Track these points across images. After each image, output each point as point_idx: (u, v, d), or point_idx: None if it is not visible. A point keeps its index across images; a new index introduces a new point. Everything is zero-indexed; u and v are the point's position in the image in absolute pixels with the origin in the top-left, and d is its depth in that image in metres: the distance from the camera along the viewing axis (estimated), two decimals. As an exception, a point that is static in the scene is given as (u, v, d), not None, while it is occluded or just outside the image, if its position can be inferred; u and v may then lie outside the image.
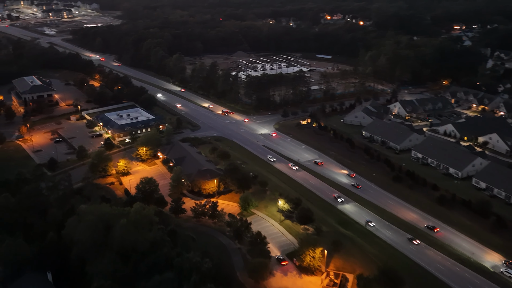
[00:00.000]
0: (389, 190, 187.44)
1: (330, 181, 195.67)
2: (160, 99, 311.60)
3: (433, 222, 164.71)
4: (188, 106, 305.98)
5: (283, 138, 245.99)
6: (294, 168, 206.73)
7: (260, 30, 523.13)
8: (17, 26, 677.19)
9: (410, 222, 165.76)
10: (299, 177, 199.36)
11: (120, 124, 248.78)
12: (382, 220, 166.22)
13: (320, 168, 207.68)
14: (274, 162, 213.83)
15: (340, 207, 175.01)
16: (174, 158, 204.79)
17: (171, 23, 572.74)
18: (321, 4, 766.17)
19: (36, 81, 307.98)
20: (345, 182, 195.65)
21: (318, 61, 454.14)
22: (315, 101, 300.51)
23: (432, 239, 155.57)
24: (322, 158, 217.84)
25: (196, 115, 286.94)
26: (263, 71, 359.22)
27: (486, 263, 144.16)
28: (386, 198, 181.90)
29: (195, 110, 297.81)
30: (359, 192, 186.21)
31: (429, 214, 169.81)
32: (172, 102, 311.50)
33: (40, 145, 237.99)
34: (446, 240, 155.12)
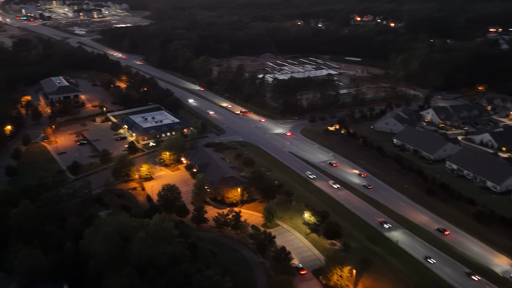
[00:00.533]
0: (421, 204, 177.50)
1: (360, 192, 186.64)
2: (191, 104, 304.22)
3: (470, 240, 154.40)
4: (215, 110, 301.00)
5: (309, 144, 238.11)
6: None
7: (288, 31, 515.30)
8: (49, 25, 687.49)
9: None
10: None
11: (145, 127, 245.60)
12: (414, 236, 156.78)
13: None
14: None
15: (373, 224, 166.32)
16: (198, 164, 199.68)
17: (198, 24, 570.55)
18: (351, 5, 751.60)
19: (63, 82, 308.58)
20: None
21: (347, 63, 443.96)
22: (343, 106, 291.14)
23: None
24: (352, 167, 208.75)
25: (222, 118, 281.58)
26: (290, 74, 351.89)
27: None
28: (418, 212, 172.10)
29: (220, 113, 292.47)
30: (390, 205, 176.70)
31: (466, 232, 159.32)
32: (203, 107, 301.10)
33: (65, 147, 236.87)
34: (482, 259, 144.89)
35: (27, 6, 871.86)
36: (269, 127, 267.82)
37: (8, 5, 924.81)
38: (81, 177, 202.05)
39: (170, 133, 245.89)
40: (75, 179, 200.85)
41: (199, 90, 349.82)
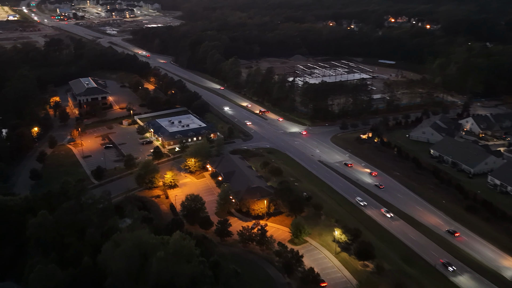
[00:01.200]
0: (460, 222, 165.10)
1: (397, 210, 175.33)
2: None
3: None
4: (240, 112, 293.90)
5: (340, 153, 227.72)
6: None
7: (319, 33, 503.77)
8: (82, 25, 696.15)
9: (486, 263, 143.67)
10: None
11: (171, 131, 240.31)
12: (453, 259, 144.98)
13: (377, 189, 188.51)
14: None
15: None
16: (223, 172, 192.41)
17: (229, 25, 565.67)
18: (385, 6, 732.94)
19: (91, 83, 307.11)
20: (408, 208, 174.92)
21: (381, 66, 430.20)
22: (377, 113, 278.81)
23: None
24: (385, 179, 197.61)
25: (256, 128, 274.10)
26: (321, 77, 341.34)
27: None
28: (457, 231, 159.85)
29: (248, 117, 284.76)
30: (427, 223, 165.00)
31: (510, 255, 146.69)
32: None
33: (90, 150, 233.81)
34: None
35: (62, 6, 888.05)
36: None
37: (44, 5, 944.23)
38: (105, 183, 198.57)
39: (196, 138, 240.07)
40: (98, 184, 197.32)
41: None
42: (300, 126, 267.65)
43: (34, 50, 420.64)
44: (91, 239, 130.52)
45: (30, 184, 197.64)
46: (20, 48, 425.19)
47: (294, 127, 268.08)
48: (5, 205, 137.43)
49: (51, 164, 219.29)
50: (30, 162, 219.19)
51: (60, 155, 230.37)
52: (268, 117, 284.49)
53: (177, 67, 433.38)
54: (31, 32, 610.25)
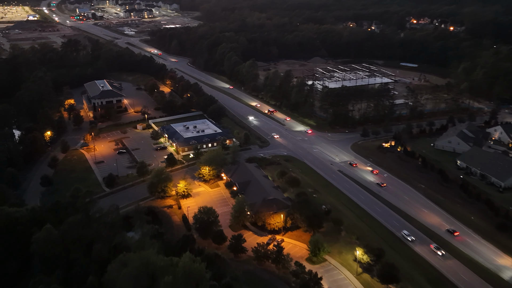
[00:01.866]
0: (490, 241, 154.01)
1: (420, 224, 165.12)
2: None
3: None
4: (258, 117, 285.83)
5: (361, 162, 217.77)
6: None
7: (340, 34, 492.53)
8: (100, 25, 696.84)
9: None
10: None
11: (186, 137, 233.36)
12: (486, 284, 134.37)
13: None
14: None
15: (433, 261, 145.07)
16: (238, 182, 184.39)
17: (247, 26, 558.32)
18: (407, 7, 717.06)
19: (106, 86, 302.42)
20: (434, 224, 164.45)
21: (402, 69, 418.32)
22: (399, 119, 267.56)
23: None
24: (409, 192, 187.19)
25: (266, 128, 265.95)
26: (341, 81, 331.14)
27: None
28: (487, 251, 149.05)
29: (265, 123, 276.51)
30: (455, 242, 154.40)
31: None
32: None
33: (103, 156, 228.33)
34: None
35: (82, 6, 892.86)
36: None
37: (64, 5, 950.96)
38: (116, 191, 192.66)
39: (211, 144, 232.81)
40: (110, 192, 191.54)
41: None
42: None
43: (51, 51, 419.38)
44: (98, 255, 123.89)
45: (40, 191, 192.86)
46: (37, 49, 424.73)
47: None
48: (10, 217, 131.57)
49: (63, 169, 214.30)
50: (42, 168, 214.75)
51: (72, 160, 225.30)
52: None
53: (194, 69, 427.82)
54: (50, 32, 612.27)
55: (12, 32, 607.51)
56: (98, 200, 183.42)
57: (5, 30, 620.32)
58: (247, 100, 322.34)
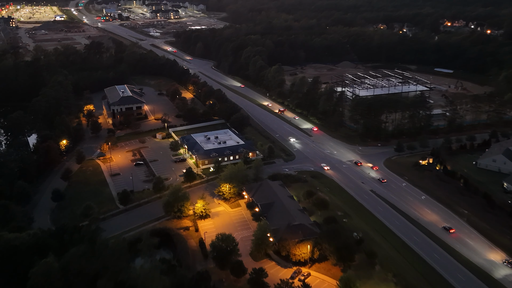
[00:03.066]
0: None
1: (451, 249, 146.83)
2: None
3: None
4: (282, 126, 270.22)
5: (395, 181, 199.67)
6: None
7: (370, 38, 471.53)
8: (126, 26, 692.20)
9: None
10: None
11: (206, 149, 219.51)
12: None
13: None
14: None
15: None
16: (261, 204, 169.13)
17: (274, 28, 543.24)
18: (440, 9, 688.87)
19: (127, 91, 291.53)
20: (482, 262, 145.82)
21: (437, 75, 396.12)
22: (437, 132, 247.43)
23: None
24: (450, 218, 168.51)
25: (288, 136, 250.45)
26: (373, 88, 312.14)
27: None
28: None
29: (290, 132, 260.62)
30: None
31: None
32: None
33: (119, 167, 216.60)
34: None
35: (109, 6, 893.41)
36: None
37: (92, 5, 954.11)
38: (131, 208, 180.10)
39: (233, 157, 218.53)
40: (124, 210, 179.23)
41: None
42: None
43: (74, 53, 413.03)
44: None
45: (52, 206, 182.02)
46: (61, 51, 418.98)
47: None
48: (9, 245, 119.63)
49: (77, 181, 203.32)
50: (55, 180, 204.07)
51: (87, 171, 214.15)
52: (309, 132, 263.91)
53: (218, 72, 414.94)
54: (76, 33, 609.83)
55: (38, 33, 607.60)
56: (110, 218, 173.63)
57: (31, 31, 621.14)
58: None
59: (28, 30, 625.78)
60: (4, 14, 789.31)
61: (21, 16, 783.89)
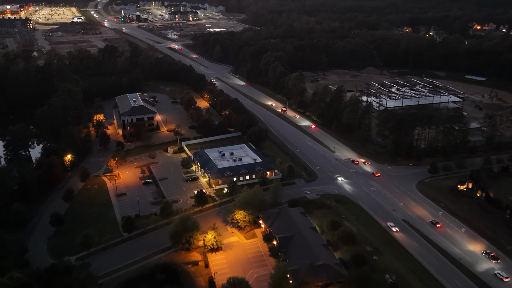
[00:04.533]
0: None
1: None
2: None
3: None
4: (303, 140, 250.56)
5: (431, 207, 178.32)
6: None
7: (396, 42, 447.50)
8: (144, 28, 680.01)
9: None
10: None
11: (220, 167, 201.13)
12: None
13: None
14: None
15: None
16: (279, 237, 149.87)
17: (295, 31, 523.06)
18: (468, 11, 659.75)
19: (138, 100, 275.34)
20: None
21: (468, 83, 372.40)
22: (474, 150, 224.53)
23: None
24: (497, 255, 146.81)
25: (310, 153, 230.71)
26: (401, 98, 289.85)
27: None
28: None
29: (311, 148, 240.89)
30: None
31: None
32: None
33: (126, 186, 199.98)
34: None
35: (127, 7, 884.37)
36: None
37: (110, 6, 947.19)
38: (135, 236, 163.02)
39: (249, 176, 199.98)
40: (127, 238, 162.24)
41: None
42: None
43: (88, 57, 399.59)
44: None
45: (49, 232, 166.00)
46: (75, 55, 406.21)
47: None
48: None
49: (80, 202, 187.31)
50: (57, 200, 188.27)
51: (92, 190, 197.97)
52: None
53: (236, 78, 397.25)
54: (92, 35, 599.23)
55: (55, 35, 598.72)
56: (112, 247, 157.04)
57: (48, 33, 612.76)
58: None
59: (45, 32, 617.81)
60: (23, 15, 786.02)
61: (39, 18, 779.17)
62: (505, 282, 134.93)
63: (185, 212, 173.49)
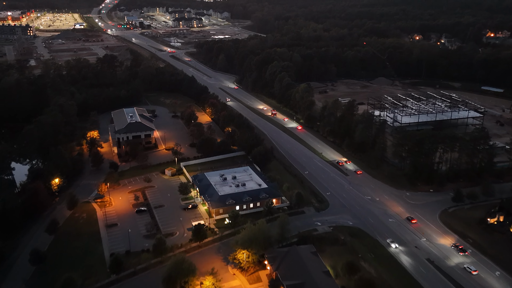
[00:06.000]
0: None
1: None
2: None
3: None
4: (312, 160, 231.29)
5: (458, 242, 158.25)
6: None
7: (409, 51, 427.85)
8: (147, 35, 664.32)
9: None
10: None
11: (222, 194, 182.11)
12: None
13: None
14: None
15: None
16: (287, 285, 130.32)
17: (302, 39, 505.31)
18: (480, 18, 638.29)
19: (135, 116, 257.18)
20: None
21: (484, 95, 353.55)
22: (501, 174, 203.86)
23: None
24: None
25: (320, 176, 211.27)
26: (417, 114, 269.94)
27: None
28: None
29: (321, 169, 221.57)
30: None
31: None
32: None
33: (118, 214, 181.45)
34: None
35: (131, 13, 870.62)
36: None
37: (114, 12, 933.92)
38: (124, 277, 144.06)
39: (253, 205, 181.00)
40: (116, 280, 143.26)
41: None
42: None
43: (86, 66, 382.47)
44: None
45: (29, 271, 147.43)
46: (73, 64, 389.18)
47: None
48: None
49: (66, 233, 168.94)
50: (40, 231, 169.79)
51: (80, 219, 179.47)
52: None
53: (240, 89, 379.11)
54: (93, 43, 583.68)
55: (55, 42, 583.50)
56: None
57: (48, 40, 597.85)
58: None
59: (45, 39, 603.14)
60: (24, 22, 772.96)
61: (40, 24, 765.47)
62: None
63: (181, 247, 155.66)
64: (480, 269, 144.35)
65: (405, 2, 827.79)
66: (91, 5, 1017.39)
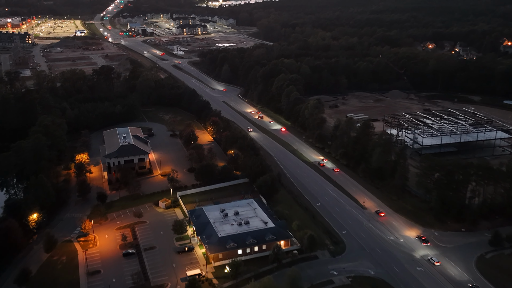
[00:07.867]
0: None
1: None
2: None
3: None
4: (325, 189, 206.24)
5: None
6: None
7: (424, 62, 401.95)
8: (149, 43, 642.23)
9: None
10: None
11: (222, 236, 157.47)
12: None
13: None
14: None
15: None
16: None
17: (310, 48, 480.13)
18: (496, 25, 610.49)
19: (129, 137, 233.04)
20: None
21: (506, 109, 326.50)
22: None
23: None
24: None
25: (334, 209, 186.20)
26: (439, 135, 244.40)
27: None
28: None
29: (335, 200, 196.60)
30: None
31: None
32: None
33: (102, 258, 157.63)
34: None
35: (135, 20, 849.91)
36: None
37: (117, 18, 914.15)
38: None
39: (258, 248, 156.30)
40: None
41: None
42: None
43: (81, 78, 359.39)
44: None
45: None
46: (67, 76, 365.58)
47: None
48: None
49: (38, 284, 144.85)
50: (9, 283, 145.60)
51: (58, 264, 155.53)
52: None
53: (245, 103, 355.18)
54: (93, 51, 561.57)
55: (53, 51, 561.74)
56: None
57: (47, 48, 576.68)
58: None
59: (44, 48, 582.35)
60: (24, 29, 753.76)
61: (40, 31, 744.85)
62: None
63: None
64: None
65: (415, 9, 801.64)
66: (94, 12, 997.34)
